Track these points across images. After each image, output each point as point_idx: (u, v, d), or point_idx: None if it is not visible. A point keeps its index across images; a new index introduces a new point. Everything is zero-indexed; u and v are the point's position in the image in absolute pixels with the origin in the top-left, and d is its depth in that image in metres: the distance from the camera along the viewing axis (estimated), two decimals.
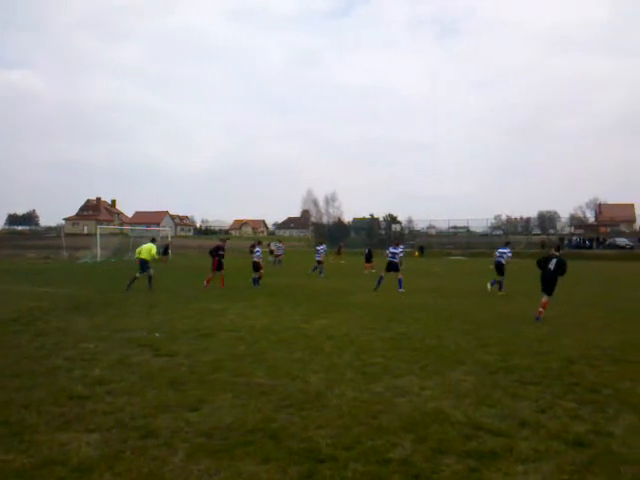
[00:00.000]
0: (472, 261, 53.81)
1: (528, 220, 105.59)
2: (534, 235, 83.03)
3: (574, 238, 76.07)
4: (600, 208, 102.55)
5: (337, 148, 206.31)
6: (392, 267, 20.14)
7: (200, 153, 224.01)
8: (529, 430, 5.25)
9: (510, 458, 4.58)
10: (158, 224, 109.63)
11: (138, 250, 20.03)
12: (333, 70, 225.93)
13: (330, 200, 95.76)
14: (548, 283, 13.21)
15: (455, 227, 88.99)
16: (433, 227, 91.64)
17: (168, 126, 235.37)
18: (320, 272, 28.29)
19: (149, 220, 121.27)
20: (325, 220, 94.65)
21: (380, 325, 11.90)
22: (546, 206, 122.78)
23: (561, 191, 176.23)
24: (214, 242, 26.46)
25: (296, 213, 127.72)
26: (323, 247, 30.12)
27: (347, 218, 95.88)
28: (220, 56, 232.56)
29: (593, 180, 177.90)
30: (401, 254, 20.40)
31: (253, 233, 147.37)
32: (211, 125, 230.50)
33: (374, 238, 75.83)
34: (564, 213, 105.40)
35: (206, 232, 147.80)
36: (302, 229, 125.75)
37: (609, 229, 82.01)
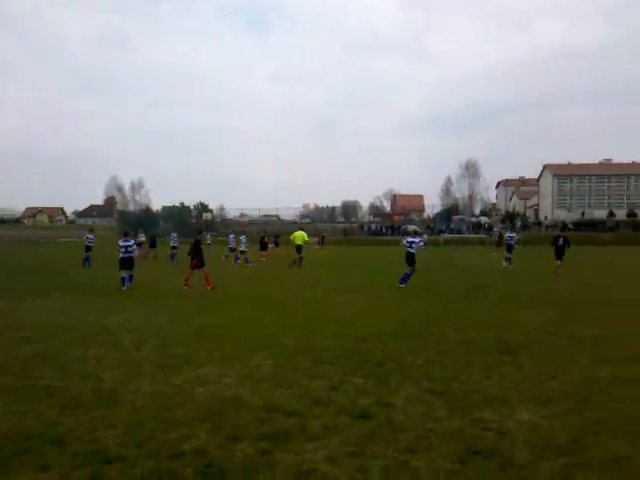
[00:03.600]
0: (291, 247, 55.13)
1: (333, 209, 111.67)
2: (338, 223, 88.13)
3: (372, 226, 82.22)
4: (395, 198, 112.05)
5: (146, 133, 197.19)
6: (410, 259, 17.80)
7: None
8: (321, 408, 5.50)
9: (301, 437, 4.76)
10: None
11: None
12: (144, 54, 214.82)
13: (137, 187, 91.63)
14: (560, 253, 20.75)
15: (267, 215, 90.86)
16: (245, 215, 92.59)
17: None
18: (235, 260, 29.47)
19: None
20: (132, 208, 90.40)
21: (188, 316, 11.66)
22: (349, 196, 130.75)
23: (362, 182, 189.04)
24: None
25: (100, 200, 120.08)
26: (244, 237, 31.89)
27: (156, 206, 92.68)
28: (22, 34, 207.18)
29: (389, 172, 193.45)
30: (420, 244, 18.23)
31: (50, 222, 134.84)
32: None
33: (185, 227, 74.20)
34: (365, 202, 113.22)
35: None
36: (107, 217, 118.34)
37: (402, 217, 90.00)
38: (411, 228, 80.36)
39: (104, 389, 6.24)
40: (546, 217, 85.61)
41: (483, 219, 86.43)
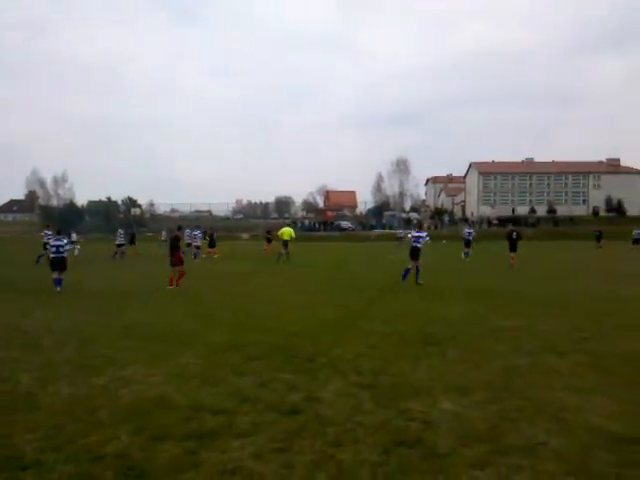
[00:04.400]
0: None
1: (267, 205, 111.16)
2: (272, 219, 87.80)
3: (306, 222, 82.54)
4: (328, 195, 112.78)
5: (70, 125, 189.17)
6: (414, 253, 17.44)
7: None
8: (249, 405, 5.45)
9: (228, 435, 4.70)
10: None
11: None
12: (68, 43, 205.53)
13: (60, 181, 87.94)
14: (513, 246, 24.32)
15: (198, 211, 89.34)
16: (176, 211, 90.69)
17: None
18: (194, 257, 29.25)
19: None
20: (55, 202, 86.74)
21: (114, 314, 11.30)
22: (283, 192, 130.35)
23: (296, 178, 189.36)
24: None
25: (20, 195, 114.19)
26: (198, 232, 31.70)
27: (81, 201, 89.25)
28: None
29: (323, 168, 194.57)
30: (427, 239, 18.09)
31: None
32: None
33: (113, 222, 71.82)
34: (298, 199, 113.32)
35: None
36: (28, 213, 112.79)
37: (335, 213, 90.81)
38: (413, 216, 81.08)
39: (21, 392, 5.95)
40: (472, 213, 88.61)
41: (413, 215, 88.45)
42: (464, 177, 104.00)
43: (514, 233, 24.97)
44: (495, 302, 12.90)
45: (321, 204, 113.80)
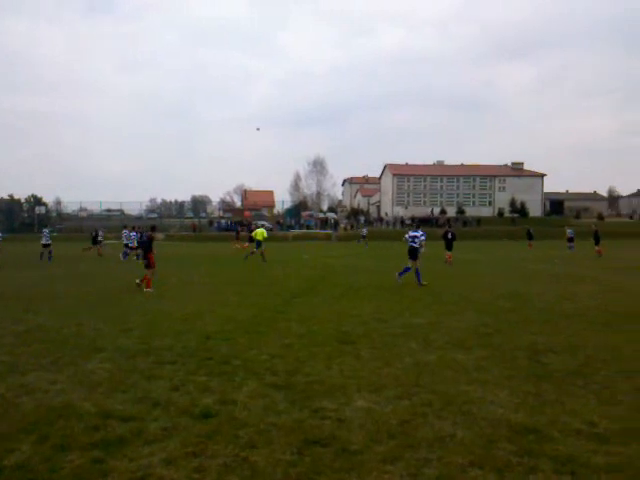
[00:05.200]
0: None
1: (182, 204, 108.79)
2: (187, 218, 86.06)
3: (223, 221, 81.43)
4: (245, 194, 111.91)
5: None
6: (413, 253, 17.43)
7: None
8: (160, 410, 5.31)
9: (138, 442, 4.55)
10: None
11: None
12: None
13: None
14: (449, 245, 25.84)
15: (109, 210, 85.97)
16: (85, 209, 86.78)
17: None
18: (137, 257, 28.16)
19: None
20: None
21: (15, 319, 10.65)
22: (199, 191, 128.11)
23: (213, 177, 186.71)
24: None
25: None
26: (134, 234, 30.80)
27: None
28: None
29: (240, 167, 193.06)
30: (422, 238, 17.74)
31: None
32: None
33: (16, 221, 67.81)
34: (215, 197, 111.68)
35: None
36: None
37: (253, 213, 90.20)
38: (330, 216, 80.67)
39: None
40: (387, 213, 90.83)
41: (330, 215, 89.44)
42: (379, 178, 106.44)
43: (449, 233, 26.72)
44: (408, 300, 13.29)
45: (239, 203, 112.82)
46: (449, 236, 26.49)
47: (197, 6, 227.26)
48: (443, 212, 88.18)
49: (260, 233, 28.81)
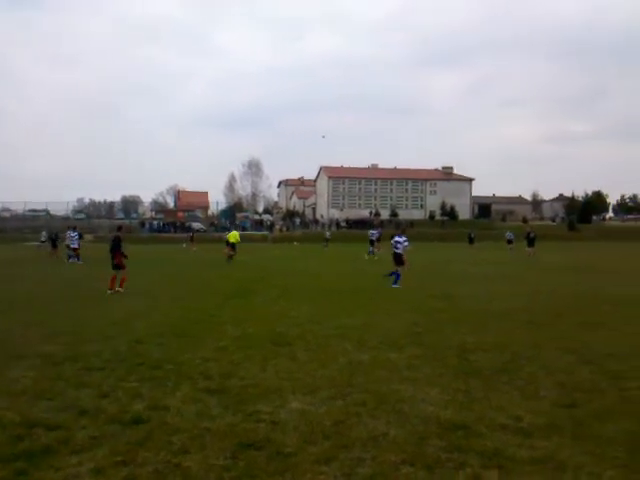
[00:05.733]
0: None
1: (112, 204, 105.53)
2: (117, 219, 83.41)
3: (155, 222, 79.52)
4: (179, 194, 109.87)
5: None
6: (397, 259, 17.42)
7: None
8: (88, 418, 5.12)
9: (65, 451, 4.37)
10: None
11: None
12: None
13: None
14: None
15: (34, 210, 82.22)
16: (8, 210, 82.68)
17: None
18: (77, 259, 28.50)
19: None
20: None
21: None
22: (130, 191, 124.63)
23: (144, 177, 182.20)
24: None
25: None
26: (76, 234, 30.06)
27: None
28: None
29: (174, 167, 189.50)
30: (405, 244, 17.71)
31: None
32: None
33: None
34: (147, 198, 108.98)
35: None
36: None
37: (186, 214, 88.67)
38: (266, 217, 79.77)
39: None
40: (322, 215, 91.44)
41: (266, 217, 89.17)
42: (315, 180, 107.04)
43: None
44: (343, 301, 13.42)
45: (171, 204, 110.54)
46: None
47: (128, 1, 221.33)
48: (377, 215, 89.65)
49: (233, 236, 30.30)
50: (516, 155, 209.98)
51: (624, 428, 4.86)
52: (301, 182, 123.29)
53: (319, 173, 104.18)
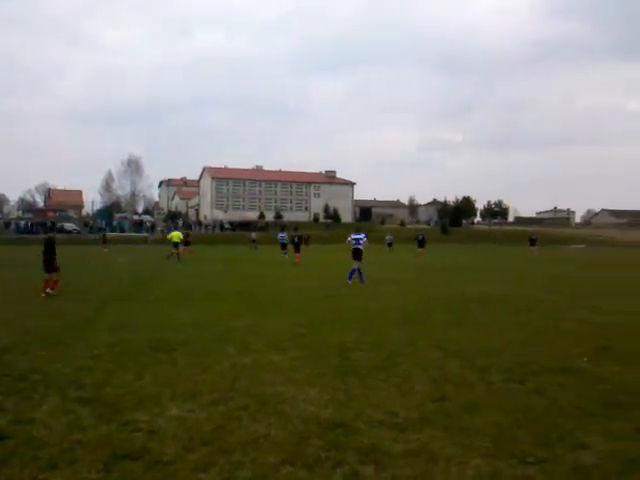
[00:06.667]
0: None
1: None
2: None
3: (22, 223, 73.81)
4: (50, 193, 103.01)
5: None
6: (357, 255, 18.09)
7: None
8: None
9: None
10: None
11: None
12: None
13: None
14: (297, 247, 28.83)
15: None
16: None
17: None
18: None
19: None
20: None
21: None
22: None
23: (10, 173, 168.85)
24: None
25: None
26: None
27: None
28: None
29: (44, 164, 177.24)
30: (365, 239, 18.56)
31: None
32: None
33: None
34: (14, 196, 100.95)
35: None
36: None
37: (57, 214, 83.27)
38: (146, 218, 76.62)
39: None
40: (205, 217, 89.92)
41: (146, 217, 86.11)
42: (198, 181, 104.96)
43: (295, 237, 31.45)
44: (226, 304, 13.27)
45: (41, 203, 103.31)
46: (295, 240, 30.70)
47: None
48: (262, 216, 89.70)
49: (176, 236, 31.60)
50: (395, 160, 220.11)
51: (490, 419, 5.24)
52: (184, 182, 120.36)
53: (202, 173, 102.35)
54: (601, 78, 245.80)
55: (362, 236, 18.72)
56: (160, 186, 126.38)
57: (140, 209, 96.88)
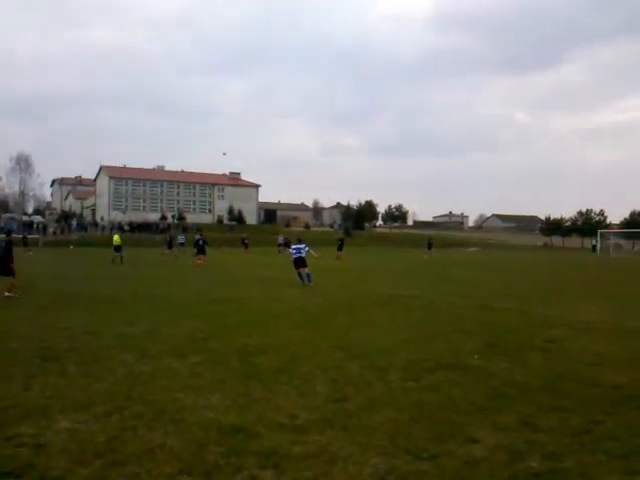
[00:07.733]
0: None
1: None
2: None
3: None
4: None
5: None
6: (300, 263, 19.60)
7: None
8: None
9: None
10: None
11: None
12: None
13: None
14: (201, 249, 30.83)
15: None
16: None
17: None
18: None
19: None
20: None
21: None
22: None
23: None
24: None
25: None
26: None
27: None
28: None
29: None
30: (307, 249, 20.06)
31: None
32: None
33: None
34: None
35: None
36: None
37: None
38: (36, 219, 71.72)
39: None
40: (102, 218, 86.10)
41: (37, 218, 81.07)
42: (95, 180, 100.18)
43: (200, 240, 31.83)
44: (121, 309, 12.75)
45: None
46: (200, 242, 31.60)
47: None
48: (164, 218, 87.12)
49: (116, 239, 31.87)
50: (298, 164, 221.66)
51: (388, 417, 5.38)
52: (79, 181, 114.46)
53: (99, 172, 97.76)
54: (493, 88, 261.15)
55: (304, 246, 20.29)
56: (52, 185, 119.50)
57: (30, 209, 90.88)
